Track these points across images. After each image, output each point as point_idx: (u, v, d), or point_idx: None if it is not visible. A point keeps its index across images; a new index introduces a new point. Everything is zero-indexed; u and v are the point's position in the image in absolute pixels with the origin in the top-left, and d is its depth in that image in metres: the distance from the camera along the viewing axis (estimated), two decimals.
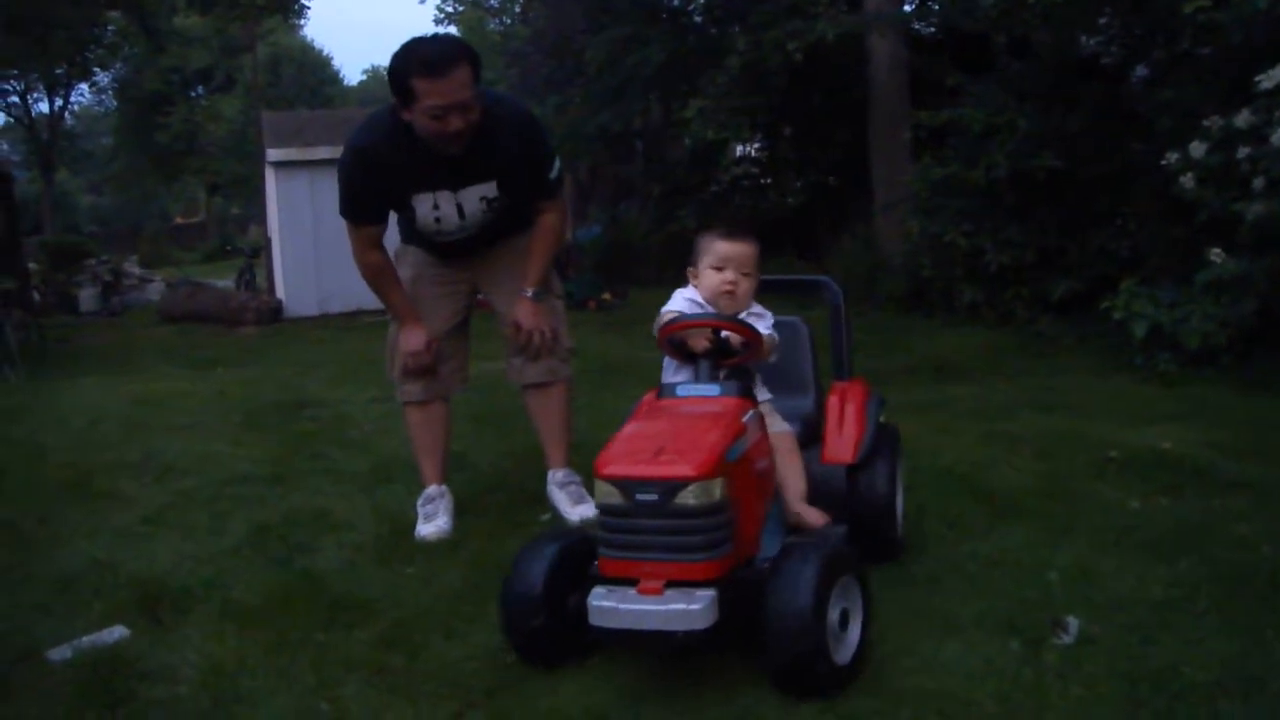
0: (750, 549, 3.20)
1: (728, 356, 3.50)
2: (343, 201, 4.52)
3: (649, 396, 3.59)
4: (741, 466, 3.14)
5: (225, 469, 5.90)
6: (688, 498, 2.93)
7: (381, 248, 4.59)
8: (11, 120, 44.76)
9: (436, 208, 4.45)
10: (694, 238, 3.77)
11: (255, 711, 3.09)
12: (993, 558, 3.98)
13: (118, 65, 44.81)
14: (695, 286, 3.69)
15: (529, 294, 4.64)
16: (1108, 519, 4.41)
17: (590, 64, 16.21)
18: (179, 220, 54.09)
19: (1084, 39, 11.49)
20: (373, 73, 60.07)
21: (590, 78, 16.89)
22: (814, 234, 15.38)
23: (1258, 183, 7.16)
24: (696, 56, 15.19)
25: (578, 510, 4.62)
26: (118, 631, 3.68)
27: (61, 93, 42.72)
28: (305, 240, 15.55)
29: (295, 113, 29.03)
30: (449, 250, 4.72)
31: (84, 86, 46.33)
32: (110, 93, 49.11)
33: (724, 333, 3.48)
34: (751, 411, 3.34)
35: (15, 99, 42.40)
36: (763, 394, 3.66)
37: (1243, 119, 7.37)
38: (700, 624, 2.86)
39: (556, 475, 4.81)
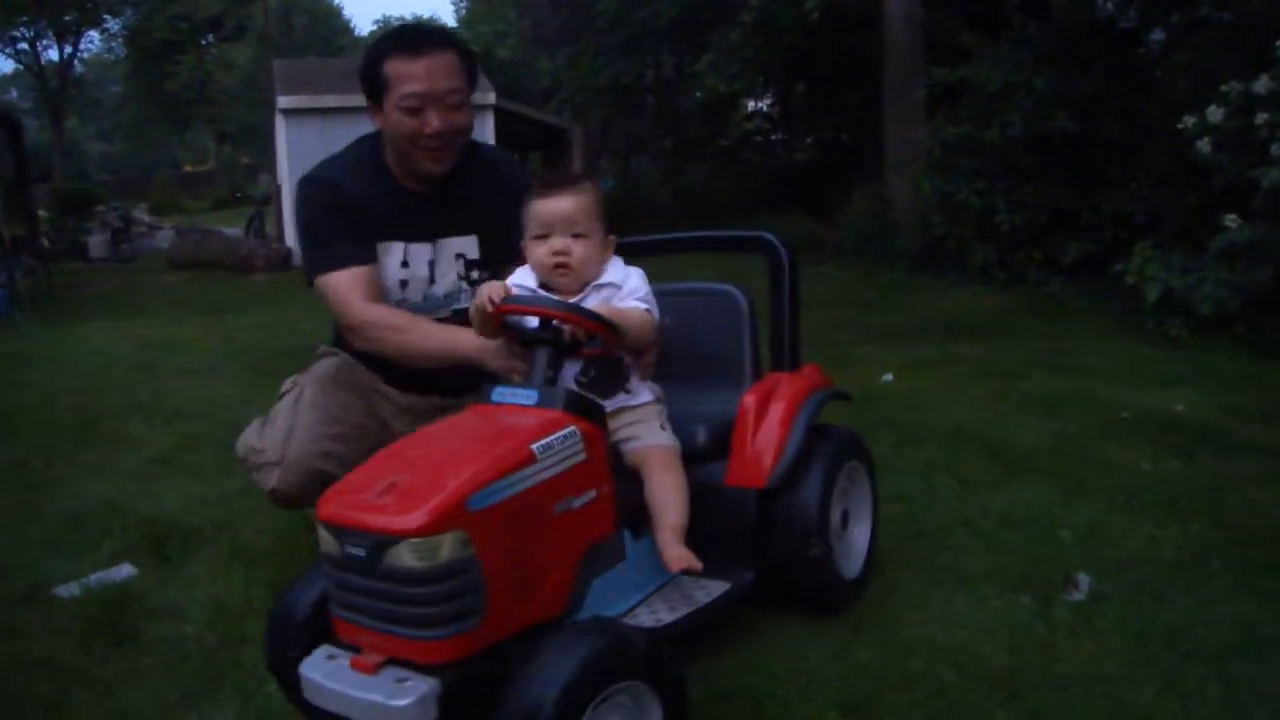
0: (533, 613, 2.41)
1: (572, 349, 2.70)
2: (312, 249, 3.34)
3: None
4: (506, 513, 2.29)
5: (234, 413, 5.87)
6: (402, 557, 2.18)
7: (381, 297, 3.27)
8: (21, 67, 44.75)
9: (406, 265, 3.34)
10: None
11: (259, 652, 3.08)
12: (1004, 514, 3.97)
13: (127, 12, 44.67)
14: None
15: None
16: (1119, 479, 4.39)
17: (602, 16, 16.14)
18: (188, 168, 54.07)
19: (1101, 1, 11.41)
20: (383, 22, 59.89)
21: (602, 30, 16.82)
22: (824, 191, 15.35)
23: (1275, 149, 7.10)
24: (709, 10, 15.11)
25: None
26: (125, 569, 3.69)
27: (71, 40, 42.62)
28: None
29: (307, 60, 28.97)
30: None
31: (93, 34, 46.29)
32: (120, 40, 48.99)
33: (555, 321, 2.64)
34: (565, 431, 2.46)
35: (25, 46, 42.31)
36: (641, 395, 2.86)
37: (1261, 85, 7.30)
38: None
39: None
